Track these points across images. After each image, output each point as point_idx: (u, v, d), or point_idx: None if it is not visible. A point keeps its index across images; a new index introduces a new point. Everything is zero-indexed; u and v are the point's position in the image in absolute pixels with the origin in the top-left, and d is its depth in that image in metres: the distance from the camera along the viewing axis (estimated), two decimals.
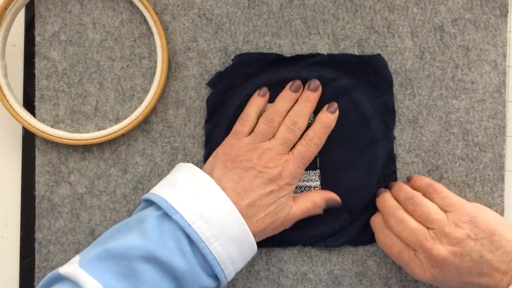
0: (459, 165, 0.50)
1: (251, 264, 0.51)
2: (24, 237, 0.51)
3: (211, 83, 0.50)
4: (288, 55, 0.50)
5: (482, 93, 0.50)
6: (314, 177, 0.50)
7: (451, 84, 0.50)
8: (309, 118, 0.49)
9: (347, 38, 0.50)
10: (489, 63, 0.50)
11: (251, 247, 0.45)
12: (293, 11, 0.50)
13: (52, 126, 0.50)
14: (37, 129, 0.49)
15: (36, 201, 0.51)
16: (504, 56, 0.50)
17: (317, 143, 0.48)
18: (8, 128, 0.51)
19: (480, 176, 0.50)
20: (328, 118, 0.49)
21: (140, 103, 0.50)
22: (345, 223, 0.50)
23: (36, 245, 0.51)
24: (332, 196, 0.50)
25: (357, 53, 0.50)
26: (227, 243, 0.43)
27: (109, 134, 0.49)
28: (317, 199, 0.49)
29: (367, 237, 0.50)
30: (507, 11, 0.50)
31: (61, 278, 0.41)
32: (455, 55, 0.50)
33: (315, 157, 0.50)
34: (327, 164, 0.50)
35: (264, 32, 0.50)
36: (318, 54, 0.50)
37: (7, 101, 0.48)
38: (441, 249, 0.44)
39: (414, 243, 0.45)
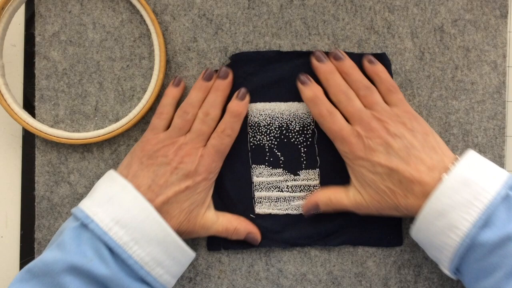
0: None
1: (251, 264, 0.51)
2: (24, 237, 0.51)
3: None
4: (286, 51, 0.50)
5: (482, 94, 0.50)
6: (313, 176, 0.50)
7: (451, 85, 0.50)
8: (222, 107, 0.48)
9: (347, 38, 0.50)
10: (489, 64, 0.50)
11: (176, 245, 0.44)
12: (293, 11, 0.50)
13: (52, 126, 0.50)
14: (35, 128, 0.49)
15: (36, 201, 0.51)
16: (504, 56, 0.50)
17: (229, 134, 0.47)
18: (8, 128, 0.51)
19: None
20: (238, 106, 0.47)
21: None
22: (344, 223, 0.50)
23: (36, 245, 0.51)
24: (254, 232, 0.49)
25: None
26: (147, 244, 0.42)
27: (108, 133, 0.49)
28: (241, 227, 0.49)
29: (366, 237, 0.50)
30: (507, 12, 0.50)
31: None
32: (455, 55, 0.50)
33: (315, 157, 0.50)
34: (327, 163, 0.50)
35: (264, 32, 0.50)
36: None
37: (5, 100, 0.48)
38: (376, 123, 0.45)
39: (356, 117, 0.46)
